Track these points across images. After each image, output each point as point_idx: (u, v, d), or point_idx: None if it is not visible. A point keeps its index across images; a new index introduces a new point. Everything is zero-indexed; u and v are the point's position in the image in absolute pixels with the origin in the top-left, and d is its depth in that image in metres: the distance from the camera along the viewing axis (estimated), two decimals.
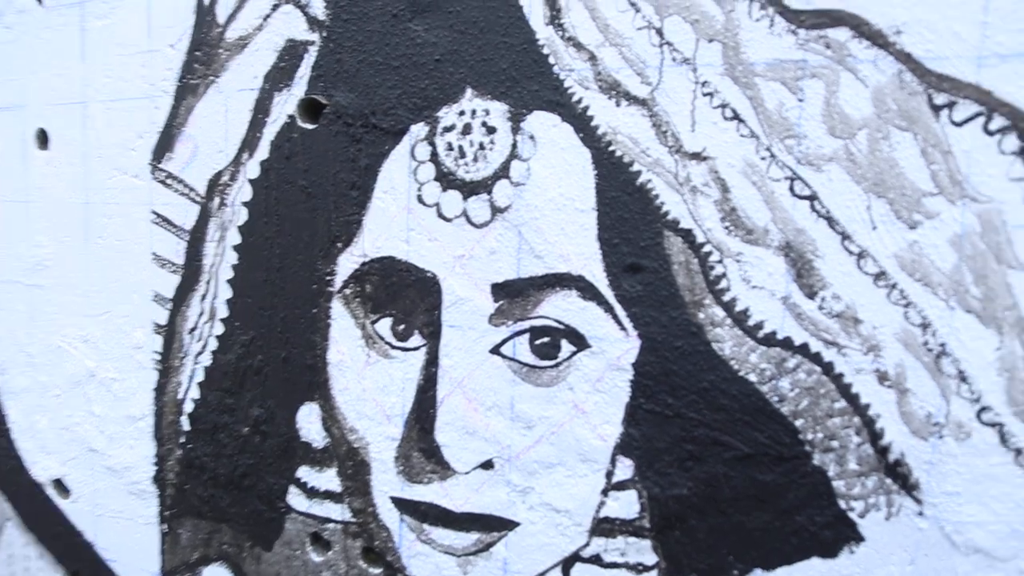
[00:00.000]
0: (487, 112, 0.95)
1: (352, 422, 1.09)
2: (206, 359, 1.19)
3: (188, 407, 1.21)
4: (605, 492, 0.96)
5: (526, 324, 0.97)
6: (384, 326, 1.06)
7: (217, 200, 1.14)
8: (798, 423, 0.86)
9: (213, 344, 1.18)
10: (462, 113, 0.97)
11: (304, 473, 1.14)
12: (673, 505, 0.93)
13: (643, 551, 0.95)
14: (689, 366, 0.90)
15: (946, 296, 0.80)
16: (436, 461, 1.04)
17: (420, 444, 1.05)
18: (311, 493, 1.14)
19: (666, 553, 0.94)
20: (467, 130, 0.96)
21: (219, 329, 1.17)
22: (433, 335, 1.02)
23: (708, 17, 0.85)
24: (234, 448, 1.18)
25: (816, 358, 0.85)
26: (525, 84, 0.93)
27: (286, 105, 1.07)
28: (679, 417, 0.91)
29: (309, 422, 1.13)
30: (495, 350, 0.99)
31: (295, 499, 1.15)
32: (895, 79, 0.79)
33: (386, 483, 1.08)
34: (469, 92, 0.96)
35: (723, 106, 0.86)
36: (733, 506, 0.90)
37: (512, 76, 0.94)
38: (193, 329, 1.20)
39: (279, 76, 1.07)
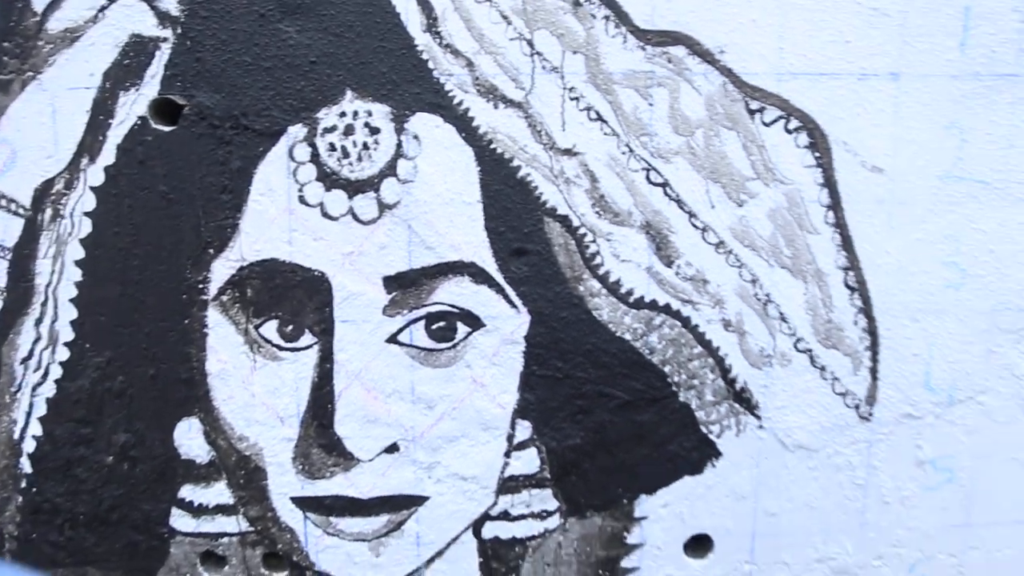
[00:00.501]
0: (369, 113, 1.20)
1: (241, 430, 1.30)
2: (48, 390, 1.30)
3: (28, 446, 1.32)
4: (508, 454, 1.30)
5: (422, 312, 1.26)
6: (270, 329, 1.27)
7: (49, 212, 1.24)
8: (666, 369, 1.28)
9: (57, 372, 1.29)
10: (343, 115, 1.21)
11: (188, 492, 1.33)
12: (569, 455, 1.31)
13: (545, 499, 1.32)
14: (574, 333, 1.27)
15: (767, 257, 1.25)
16: (338, 454, 1.30)
17: (320, 440, 1.30)
18: (198, 511, 1.33)
19: (565, 497, 1.32)
20: (349, 131, 1.21)
21: (63, 354, 1.29)
22: (325, 332, 1.27)
23: (572, 32, 1.19)
24: (96, 481, 1.32)
25: (676, 314, 1.27)
26: (406, 87, 1.20)
27: (135, 106, 1.20)
28: (568, 378, 1.28)
29: (189, 438, 1.31)
30: (392, 339, 1.27)
31: (180, 521, 1.33)
32: (721, 88, 1.21)
33: (285, 485, 1.32)
34: (349, 94, 1.20)
35: (588, 109, 1.22)
36: (618, 447, 1.30)
37: (393, 79, 1.20)
38: (27, 358, 1.30)
39: (123, 74, 1.20)
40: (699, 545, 1.30)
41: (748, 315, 1.24)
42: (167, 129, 1.19)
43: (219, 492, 1.29)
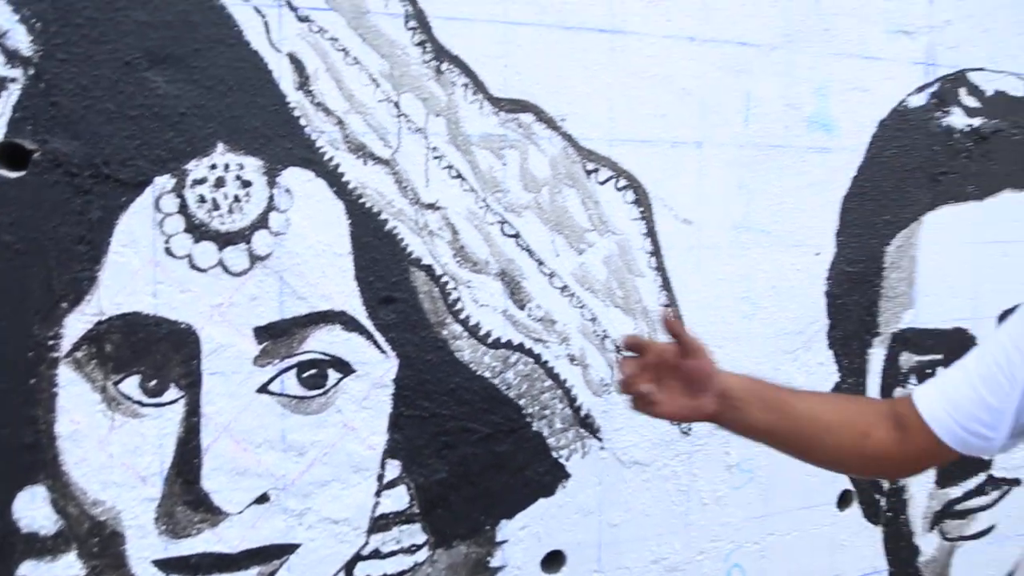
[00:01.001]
0: (241, 166, 1.22)
1: (96, 494, 1.22)
2: None
3: None
4: (378, 493, 1.35)
5: (293, 360, 1.28)
6: (131, 385, 1.22)
7: None
8: (521, 402, 1.40)
9: None
10: (214, 167, 1.21)
11: (29, 569, 1.22)
12: (436, 489, 1.37)
13: (414, 534, 1.37)
14: (439, 374, 1.35)
15: (603, 298, 1.43)
16: (205, 509, 1.26)
17: (185, 497, 1.26)
18: None
19: (433, 529, 1.38)
20: (220, 183, 1.21)
21: None
22: (192, 385, 1.24)
23: (435, 96, 1.30)
24: None
25: (529, 352, 1.40)
26: (279, 142, 1.23)
27: None
28: (434, 416, 1.36)
29: (32, 508, 1.21)
30: (263, 389, 1.27)
31: None
32: (563, 151, 1.37)
33: (146, 548, 1.25)
34: (221, 147, 1.21)
35: (449, 167, 1.32)
36: (480, 477, 1.39)
37: (265, 134, 1.22)
38: None
39: None
40: (554, 560, 1.43)
41: (589, 350, 1.40)
42: (13, 175, 1.13)
43: (68, 564, 1.21)
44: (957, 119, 1.75)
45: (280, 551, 1.29)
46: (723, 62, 1.46)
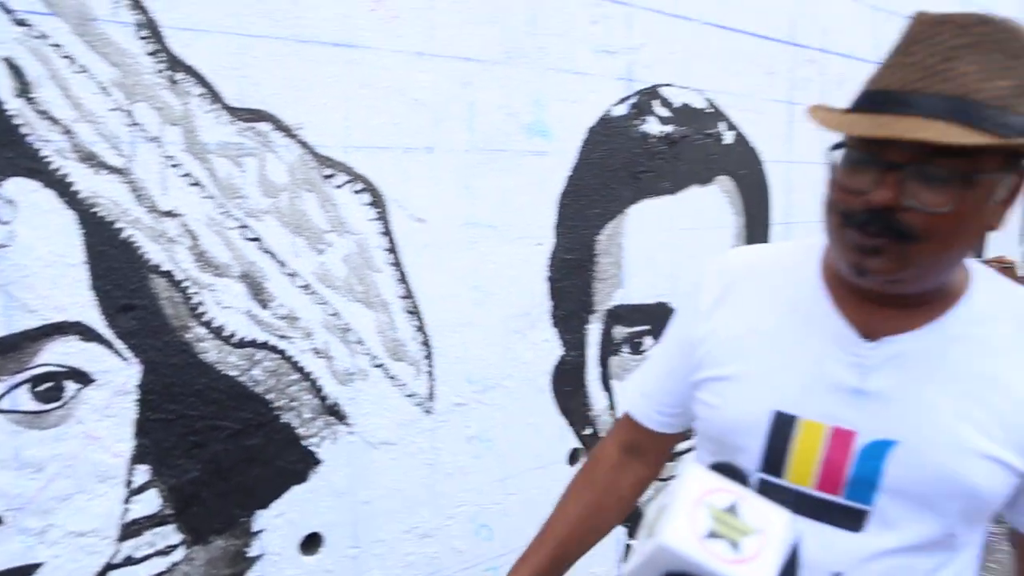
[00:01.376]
0: None
1: None
2: None
3: None
4: (127, 500, 1.35)
5: (25, 375, 1.24)
6: None
7: None
8: (269, 397, 1.46)
9: None
10: None
11: None
12: (188, 488, 1.40)
13: (168, 535, 1.39)
14: (185, 376, 1.38)
15: (344, 294, 1.52)
16: None
17: None
18: None
19: (188, 528, 1.41)
20: None
21: None
22: None
23: (170, 106, 1.31)
24: None
25: (275, 349, 1.46)
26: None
27: None
28: (182, 417, 1.38)
29: None
30: None
31: None
32: (300, 158, 1.44)
33: None
34: None
35: (187, 175, 1.34)
36: (232, 472, 1.44)
37: None
38: None
39: None
40: (312, 543, 1.52)
41: (333, 342, 1.50)
42: None
43: None
44: (652, 126, 2.04)
45: (20, 573, 1.26)
46: (450, 75, 1.60)
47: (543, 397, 1.88)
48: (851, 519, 0.97)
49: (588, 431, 2.02)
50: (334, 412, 1.52)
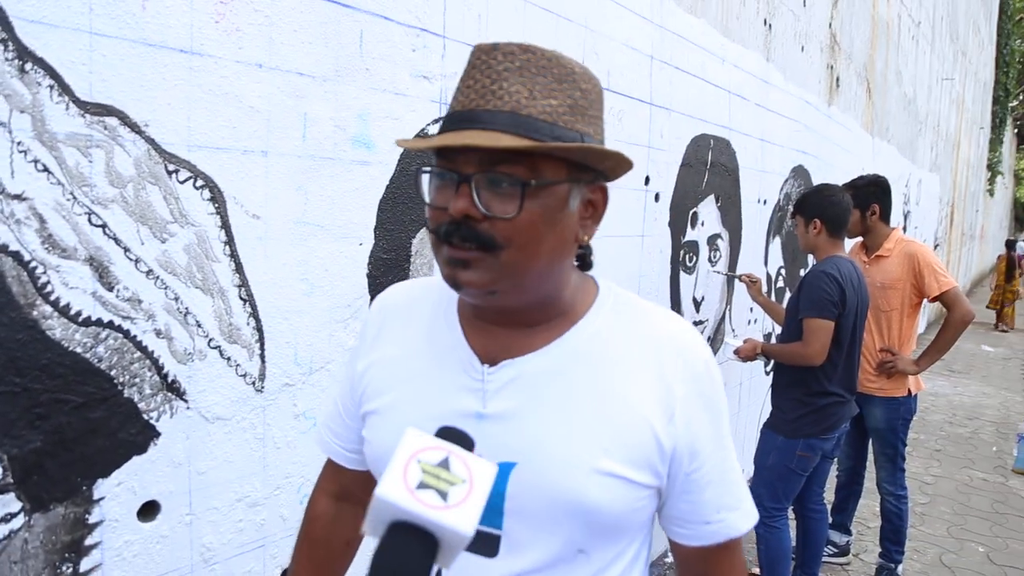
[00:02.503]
0: None
1: None
2: None
3: None
4: None
5: None
6: None
7: None
8: (113, 373, 1.56)
9: None
10: None
11: None
12: (31, 458, 1.46)
13: (9, 503, 1.44)
14: (30, 351, 1.45)
15: (185, 280, 1.66)
16: None
17: None
18: None
19: (29, 496, 1.47)
20: None
21: None
22: None
23: (18, 94, 1.40)
24: None
25: (119, 328, 1.56)
26: None
27: None
28: (26, 390, 1.45)
29: None
30: None
31: None
32: (147, 153, 1.57)
33: None
34: None
35: (35, 161, 1.43)
36: (76, 442, 1.52)
37: None
38: None
39: None
40: (149, 510, 1.63)
41: (174, 325, 1.63)
42: None
43: None
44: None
45: None
46: (286, 87, 1.79)
47: None
48: (487, 545, 0.97)
49: None
50: (173, 389, 1.65)
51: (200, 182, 1.66)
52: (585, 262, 1.08)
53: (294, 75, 1.82)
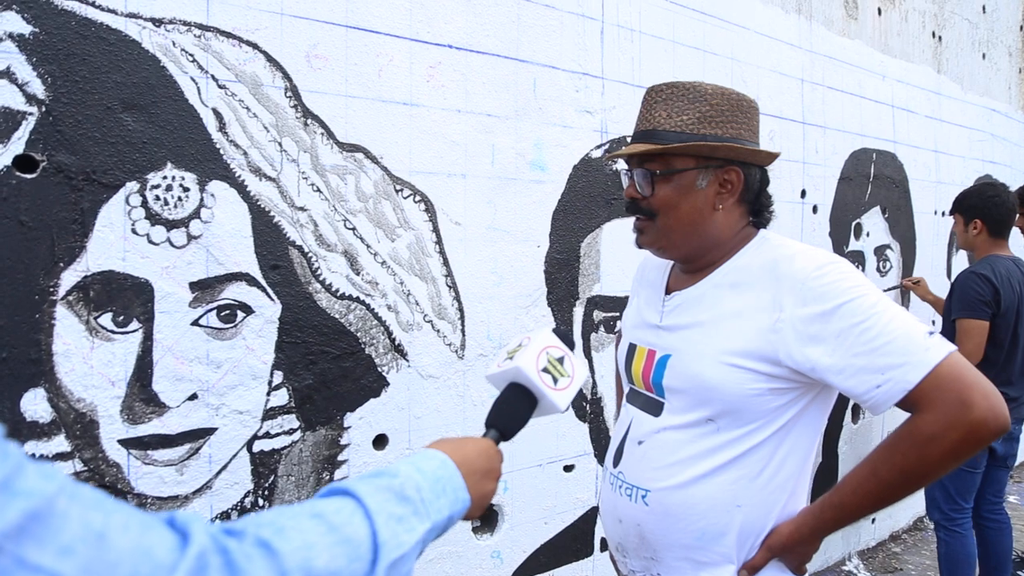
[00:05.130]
0: (183, 178, 1.92)
1: (80, 394, 1.83)
2: None
3: None
4: (268, 393, 2.07)
5: (215, 304, 1.98)
6: (106, 319, 1.86)
7: None
8: (359, 335, 2.20)
9: None
10: (165, 177, 1.90)
11: (32, 447, 1.79)
12: (305, 391, 2.12)
13: (292, 422, 2.11)
14: (307, 315, 2.12)
15: (407, 269, 2.29)
16: (154, 404, 1.91)
17: (141, 396, 1.90)
18: (39, 461, 1.80)
19: (303, 419, 2.12)
20: (169, 188, 1.91)
21: None
22: (147, 320, 1.90)
23: (303, 140, 2.09)
24: None
25: (362, 302, 2.21)
26: (206, 164, 1.95)
27: (1, 158, 1.73)
28: (303, 343, 2.12)
29: (34, 404, 1.79)
30: (195, 323, 1.96)
31: None
32: (382, 177, 2.22)
33: (114, 431, 1.87)
34: (169, 165, 1.91)
35: (312, 184, 2.12)
36: (335, 382, 2.17)
37: (198, 158, 1.94)
38: None
39: None
40: (380, 441, 2.23)
41: (400, 302, 2.25)
42: (29, 177, 1.77)
43: (59, 444, 1.82)
44: (620, 165, 2.84)
45: (204, 433, 1.98)
46: (478, 125, 2.40)
47: None
48: (655, 407, 1.42)
49: None
50: (399, 350, 2.26)
51: (418, 197, 2.28)
52: (761, 220, 1.47)
53: (484, 116, 2.42)
